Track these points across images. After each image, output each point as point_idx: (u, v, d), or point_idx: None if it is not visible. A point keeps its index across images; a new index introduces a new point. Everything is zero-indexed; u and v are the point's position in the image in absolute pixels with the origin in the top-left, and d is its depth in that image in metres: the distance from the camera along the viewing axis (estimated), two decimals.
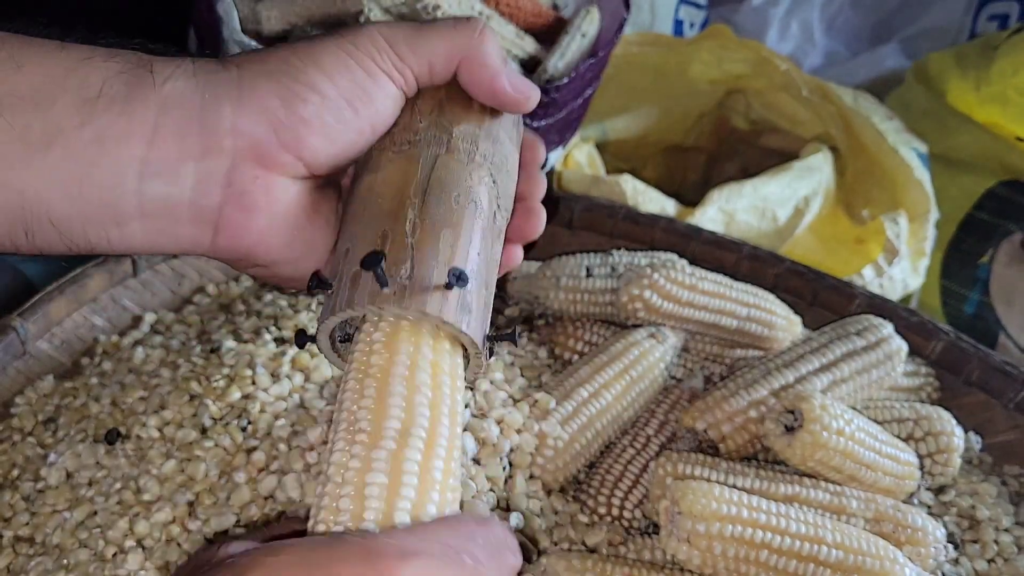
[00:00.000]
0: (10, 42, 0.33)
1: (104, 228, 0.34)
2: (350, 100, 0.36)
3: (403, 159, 0.37)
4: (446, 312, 0.34)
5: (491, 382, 0.54)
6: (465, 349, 0.36)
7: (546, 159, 0.76)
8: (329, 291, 0.36)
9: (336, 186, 0.41)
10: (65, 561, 0.45)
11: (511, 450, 0.51)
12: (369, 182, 0.37)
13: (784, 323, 0.60)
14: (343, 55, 0.36)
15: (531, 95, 0.40)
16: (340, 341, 0.38)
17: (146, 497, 0.48)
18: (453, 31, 0.38)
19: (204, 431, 0.51)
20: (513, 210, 0.42)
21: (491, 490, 0.49)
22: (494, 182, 0.39)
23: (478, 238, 0.36)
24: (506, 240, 0.42)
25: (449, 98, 0.40)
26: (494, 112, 0.41)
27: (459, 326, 0.34)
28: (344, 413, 0.33)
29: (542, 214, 0.43)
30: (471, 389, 0.53)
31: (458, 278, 0.34)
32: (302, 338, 0.37)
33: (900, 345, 0.57)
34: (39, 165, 0.32)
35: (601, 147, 0.89)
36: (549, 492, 0.51)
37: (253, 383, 0.52)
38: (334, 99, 0.36)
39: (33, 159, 0.32)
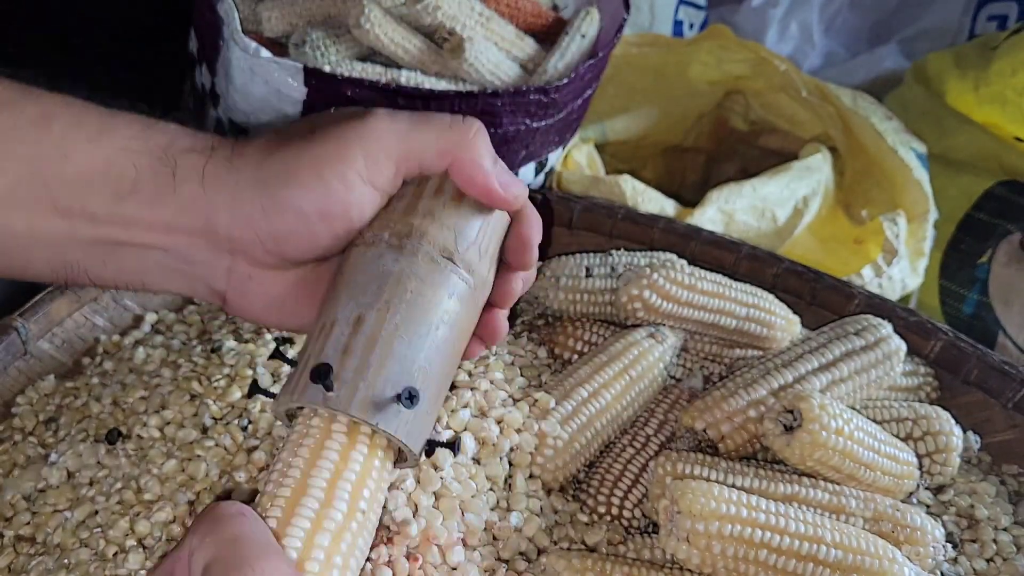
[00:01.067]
0: (55, 127, 0.37)
1: (130, 283, 0.41)
2: (324, 214, 0.38)
3: (371, 255, 0.39)
4: (390, 425, 0.35)
5: (491, 382, 0.54)
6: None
7: (545, 160, 0.77)
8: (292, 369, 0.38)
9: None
10: (66, 561, 0.45)
11: (511, 450, 0.51)
12: (343, 270, 0.39)
13: (783, 323, 0.60)
14: (323, 169, 0.38)
15: (520, 194, 0.41)
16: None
17: (147, 497, 0.48)
18: (449, 131, 0.40)
19: (205, 431, 0.51)
20: (498, 275, 0.43)
21: (491, 490, 0.49)
22: (470, 273, 0.39)
23: (435, 350, 0.37)
24: (490, 305, 0.43)
25: (430, 189, 0.41)
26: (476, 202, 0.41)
27: (400, 438, 0.35)
28: (273, 476, 0.36)
29: (528, 279, 0.45)
30: (473, 389, 0.53)
31: (409, 397, 0.35)
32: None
33: (899, 345, 0.57)
34: (78, 243, 0.39)
35: (601, 147, 0.89)
36: (549, 491, 0.51)
37: (254, 383, 0.52)
38: (310, 214, 0.38)
39: (74, 238, 0.38)
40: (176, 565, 0.32)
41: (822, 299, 0.66)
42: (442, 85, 0.70)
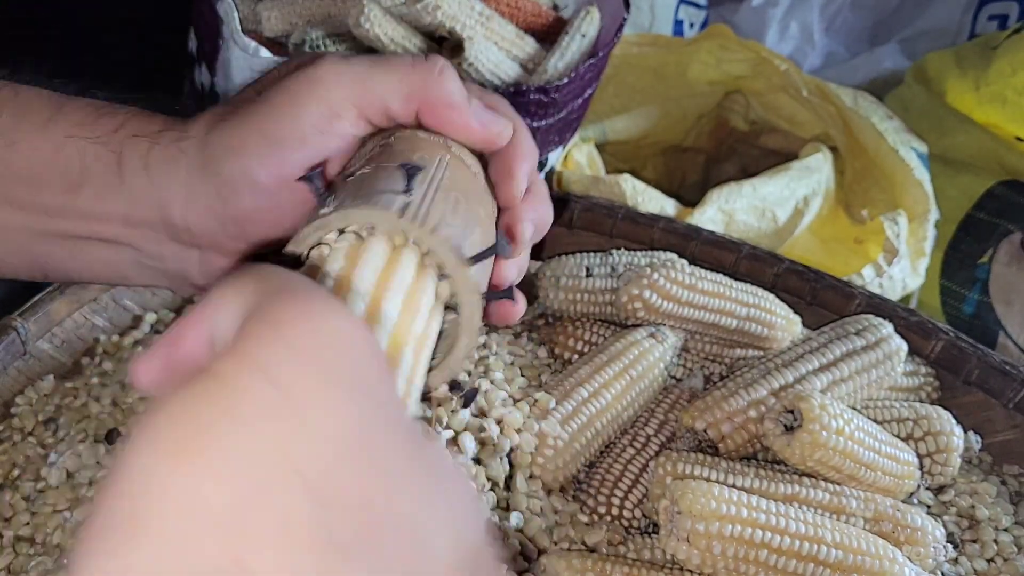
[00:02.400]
0: (2, 120, 0.35)
1: (108, 277, 0.39)
2: (285, 180, 0.34)
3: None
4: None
5: (491, 382, 0.54)
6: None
7: (545, 160, 0.76)
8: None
9: None
10: (66, 561, 0.45)
11: (511, 450, 0.51)
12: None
13: (784, 323, 0.60)
14: (272, 132, 0.34)
15: (502, 131, 0.37)
16: None
17: None
18: (412, 71, 0.35)
19: None
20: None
21: (491, 490, 0.49)
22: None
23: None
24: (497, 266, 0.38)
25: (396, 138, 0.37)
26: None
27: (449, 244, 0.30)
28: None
29: (521, 264, 0.39)
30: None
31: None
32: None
33: (900, 345, 0.57)
34: (43, 236, 0.36)
35: (601, 147, 0.89)
36: (549, 492, 0.51)
37: None
38: (268, 185, 0.34)
39: (38, 231, 0.36)
40: (189, 329, 0.23)
41: (823, 299, 0.66)
42: None
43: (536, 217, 0.38)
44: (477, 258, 0.32)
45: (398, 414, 0.24)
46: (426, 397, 0.40)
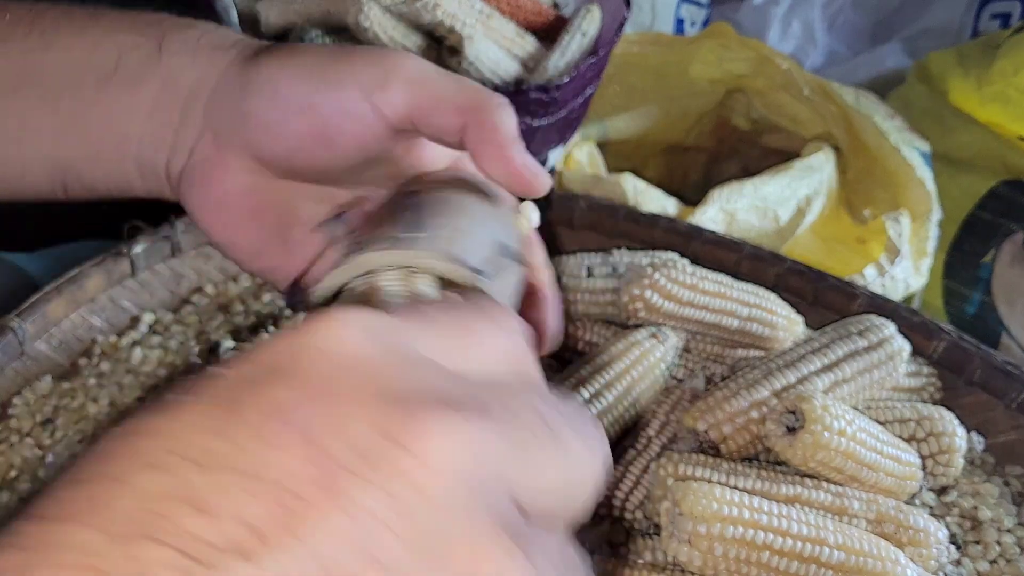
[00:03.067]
0: (42, 20, 0.37)
1: (118, 185, 0.40)
2: (315, 113, 0.35)
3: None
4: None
5: None
6: None
7: (546, 159, 0.76)
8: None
9: (304, 203, 0.40)
10: None
11: None
12: None
13: (785, 323, 0.59)
14: (329, 72, 0.35)
15: (544, 180, 0.34)
16: None
17: None
18: (475, 89, 0.35)
19: None
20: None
21: None
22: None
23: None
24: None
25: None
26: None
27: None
28: None
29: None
30: None
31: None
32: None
33: (902, 345, 0.56)
34: (69, 138, 0.37)
35: (602, 146, 0.89)
36: None
37: None
38: (299, 107, 0.35)
39: (65, 132, 0.37)
40: None
41: (825, 299, 0.65)
42: None
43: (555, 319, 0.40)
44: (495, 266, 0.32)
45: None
46: None
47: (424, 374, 0.19)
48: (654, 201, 0.78)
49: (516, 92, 0.66)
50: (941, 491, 0.57)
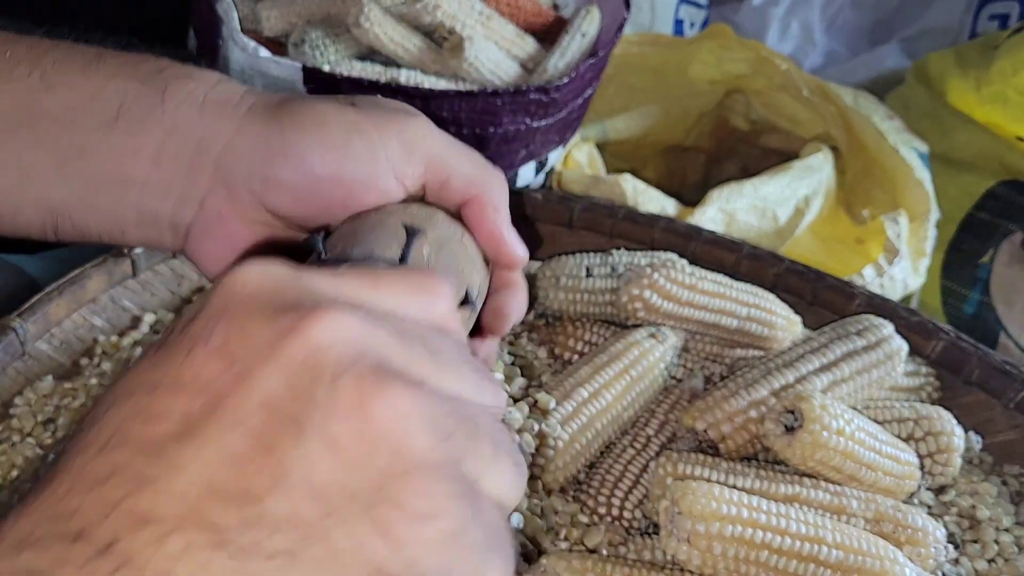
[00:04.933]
0: (44, 61, 0.36)
1: (111, 232, 0.39)
2: (334, 178, 0.36)
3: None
4: None
5: None
6: None
7: (545, 159, 0.76)
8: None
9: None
10: None
11: None
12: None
13: (784, 323, 0.60)
14: (354, 135, 0.36)
15: (525, 256, 0.40)
16: None
17: None
18: (484, 164, 0.38)
19: None
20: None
21: None
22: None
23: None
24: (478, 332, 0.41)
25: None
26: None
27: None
28: None
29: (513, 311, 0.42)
30: None
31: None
32: None
33: (900, 345, 0.56)
34: (66, 180, 0.37)
35: (601, 147, 0.89)
36: (549, 492, 0.51)
37: None
38: (319, 173, 0.36)
39: (61, 174, 0.37)
40: None
41: (823, 299, 0.65)
42: (442, 84, 0.70)
43: (518, 308, 0.41)
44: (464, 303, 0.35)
45: None
46: None
47: (317, 294, 0.23)
48: (653, 201, 0.78)
49: (516, 93, 0.66)
50: (939, 490, 0.57)
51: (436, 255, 0.34)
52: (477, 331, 0.41)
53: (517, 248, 0.39)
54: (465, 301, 0.35)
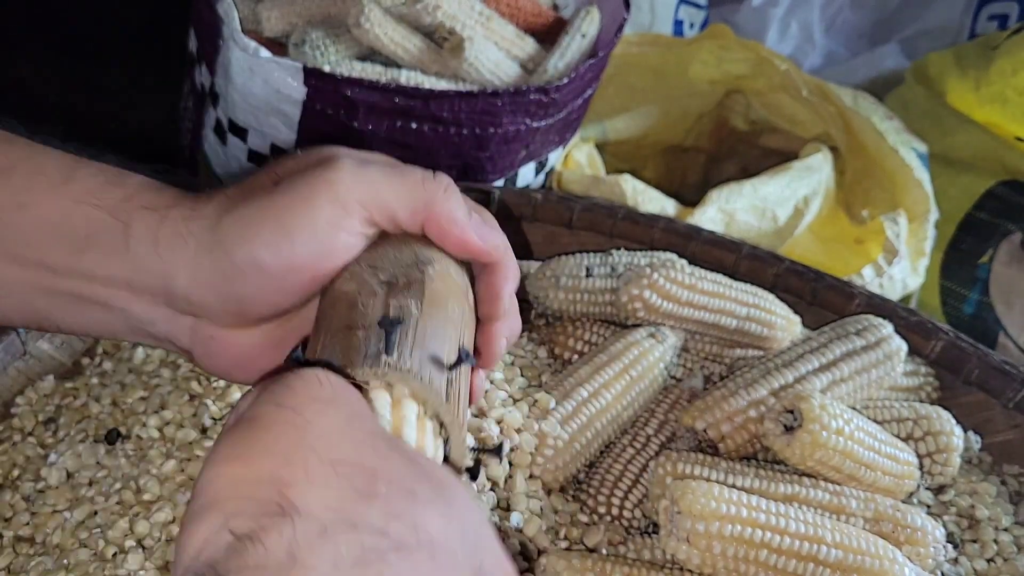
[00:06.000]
0: (11, 179, 0.37)
1: (100, 332, 0.40)
2: (291, 268, 0.36)
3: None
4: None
5: (491, 382, 0.54)
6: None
7: (545, 159, 0.76)
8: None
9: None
10: (65, 561, 0.45)
11: (511, 450, 0.51)
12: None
13: (784, 323, 0.60)
14: (287, 221, 0.36)
15: (499, 244, 0.40)
16: None
17: (146, 497, 0.48)
18: (421, 188, 0.38)
19: (204, 431, 0.51)
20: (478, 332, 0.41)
21: (491, 490, 0.49)
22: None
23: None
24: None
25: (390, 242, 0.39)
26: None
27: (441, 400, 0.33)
28: None
29: (513, 334, 0.42)
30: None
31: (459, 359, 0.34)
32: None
33: (899, 345, 0.57)
34: (46, 295, 0.38)
35: (601, 147, 0.89)
36: (549, 492, 0.51)
37: None
38: (275, 271, 0.36)
39: (41, 289, 0.37)
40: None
41: (823, 299, 0.66)
42: (442, 85, 0.70)
43: (510, 333, 0.41)
44: (453, 367, 0.35)
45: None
46: None
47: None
48: (653, 201, 0.78)
49: (516, 93, 0.66)
50: (939, 490, 0.57)
51: (421, 336, 0.34)
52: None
53: (489, 241, 0.39)
54: (459, 361, 0.35)
